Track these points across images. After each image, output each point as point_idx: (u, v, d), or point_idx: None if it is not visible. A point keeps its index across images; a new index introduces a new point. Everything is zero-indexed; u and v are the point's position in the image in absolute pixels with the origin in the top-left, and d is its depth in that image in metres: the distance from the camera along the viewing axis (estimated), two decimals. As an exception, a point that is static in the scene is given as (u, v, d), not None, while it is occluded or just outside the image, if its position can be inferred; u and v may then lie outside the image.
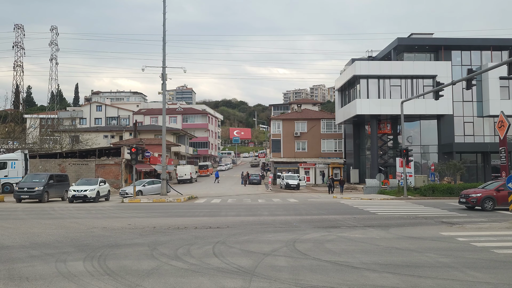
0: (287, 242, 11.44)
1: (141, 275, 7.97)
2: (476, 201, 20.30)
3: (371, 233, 13.17)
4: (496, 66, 21.58)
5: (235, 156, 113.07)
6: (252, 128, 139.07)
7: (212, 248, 10.53)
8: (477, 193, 20.65)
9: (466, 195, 21.23)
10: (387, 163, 42.69)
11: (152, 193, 31.85)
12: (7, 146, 48.52)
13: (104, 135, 63.17)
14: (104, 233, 13.15)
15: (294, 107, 67.31)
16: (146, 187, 32.42)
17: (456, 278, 7.80)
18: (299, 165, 53.71)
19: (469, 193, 21.23)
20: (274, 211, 20.73)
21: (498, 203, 20.03)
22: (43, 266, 8.73)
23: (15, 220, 16.90)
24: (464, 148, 40.19)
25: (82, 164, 39.80)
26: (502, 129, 24.36)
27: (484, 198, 20.19)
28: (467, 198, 20.95)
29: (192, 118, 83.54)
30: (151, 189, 32.24)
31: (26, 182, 26.91)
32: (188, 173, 53.39)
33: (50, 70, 78.85)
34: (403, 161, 29.41)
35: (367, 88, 40.85)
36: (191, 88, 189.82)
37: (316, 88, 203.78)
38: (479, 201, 20.20)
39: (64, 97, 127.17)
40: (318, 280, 7.59)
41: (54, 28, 79.12)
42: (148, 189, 32.25)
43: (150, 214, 19.31)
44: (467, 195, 21.15)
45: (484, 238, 12.25)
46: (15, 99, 74.16)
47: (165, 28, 31.21)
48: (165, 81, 31.01)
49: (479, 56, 41.91)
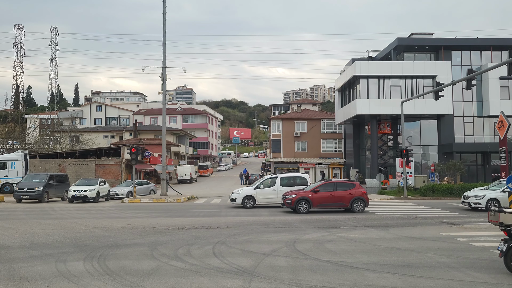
0: (287, 242, 11.44)
1: (141, 275, 7.98)
2: (290, 202, 19.39)
3: (371, 233, 13.17)
4: (496, 66, 21.58)
5: (235, 156, 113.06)
6: (252, 128, 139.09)
7: (212, 248, 10.53)
8: (292, 195, 19.72)
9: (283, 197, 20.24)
10: (387, 163, 42.67)
11: (140, 194, 31.39)
12: (7, 146, 48.52)
13: (104, 135, 63.15)
14: (104, 233, 13.15)
15: (294, 107, 67.31)
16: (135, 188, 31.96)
17: (456, 278, 7.80)
18: (299, 165, 53.73)
19: (285, 194, 20.34)
20: (274, 211, 20.72)
21: (313, 204, 19.25)
22: (43, 266, 8.73)
23: (15, 220, 16.91)
24: (464, 148, 40.18)
25: (82, 164, 39.81)
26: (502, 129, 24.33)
27: (298, 200, 19.27)
28: (284, 200, 19.99)
29: (192, 118, 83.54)
30: (140, 190, 31.78)
31: (26, 182, 26.92)
32: (188, 173, 53.37)
33: (50, 70, 78.98)
34: (403, 161, 29.41)
35: (367, 88, 40.83)
36: (191, 88, 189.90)
37: (316, 88, 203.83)
38: (293, 203, 19.28)
39: (64, 97, 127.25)
40: (318, 280, 7.59)
41: (54, 28, 79.24)
42: (137, 190, 31.66)
43: (150, 214, 19.32)
44: (284, 197, 20.20)
45: (484, 238, 12.25)
46: (15, 99, 74.19)
47: (165, 28, 31.18)
48: (165, 81, 31.00)
49: (479, 56, 41.88)
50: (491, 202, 19.30)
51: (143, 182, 34.13)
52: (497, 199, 19.34)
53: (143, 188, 32.69)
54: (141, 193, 31.88)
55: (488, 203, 19.33)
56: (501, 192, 19.51)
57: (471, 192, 21.45)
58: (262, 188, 22.69)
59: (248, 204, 22.32)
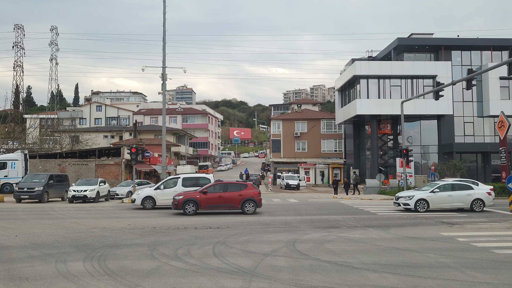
0: (287, 242, 11.44)
1: (141, 275, 7.97)
2: (177, 204, 18.85)
3: (371, 233, 13.17)
4: (496, 66, 21.58)
5: (235, 156, 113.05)
6: (252, 128, 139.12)
7: (212, 248, 10.53)
8: (180, 196, 19.21)
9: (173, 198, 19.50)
10: (387, 163, 42.68)
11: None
12: (7, 146, 48.48)
13: (104, 135, 63.13)
14: (104, 233, 13.15)
15: (294, 107, 67.32)
16: None
17: (456, 278, 7.80)
18: (299, 165, 53.72)
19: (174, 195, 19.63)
20: (274, 211, 20.73)
21: (201, 206, 18.72)
22: (43, 266, 8.73)
23: (15, 220, 16.90)
24: (464, 148, 40.19)
25: (82, 164, 39.78)
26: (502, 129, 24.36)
27: (185, 201, 18.70)
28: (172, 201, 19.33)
29: (192, 118, 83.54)
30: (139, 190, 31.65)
31: (26, 182, 26.90)
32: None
33: (50, 70, 78.94)
34: (403, 161, 29.41)
35: (367, 88, 40.85)
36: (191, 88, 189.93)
37: (316, 88, 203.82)
38: (179, 204, 18.71)
39: (64, 97, 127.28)
40: (318, 280, 7.59)
41: (54, 28, 79.20)
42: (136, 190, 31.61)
43: (150, 214, 19.31)
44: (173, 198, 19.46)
45: (484, 238, 12.25)
46: (15, 99, 74.18)
47: (165, 28, 31.19)
48: (165, 81, 31.02)
49: (479, 56, 41.90)
50: (420, 203, 19.55)
51: (143, 182, 34.11)
52: (426, 200, 19.60)
53: (142, 188, 32.64)
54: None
55: (416, 203, 19.55)
56: (430, 192, 19.79)
57: (402, 193, 21.43)
58: (162, 189, 21.92)
59: (147, 205, 21.54)
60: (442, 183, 21.11)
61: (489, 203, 19.99)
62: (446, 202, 19.73)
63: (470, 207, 19.75)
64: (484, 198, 19.85)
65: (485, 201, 19.82)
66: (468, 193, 19.87)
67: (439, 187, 20.10)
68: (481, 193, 20.02)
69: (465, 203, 19.80)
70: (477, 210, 19.67)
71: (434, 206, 19.76)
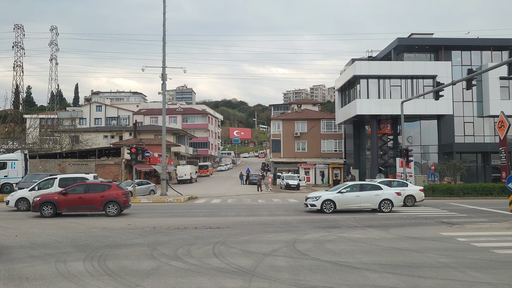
0: (287, 242, 11.44)
1: (141, 275, 7.98)
2: (34, 205, 17.80)
3: (371, 233, 13.17)
4: (496, 66, 21.56)
5: (235, 156, 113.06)
6: (252, 128, 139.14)
7: (212, 248, 10.53)
8: (38, 197, 18.06)
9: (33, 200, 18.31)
10: (387, 163, 42.66)
11: (140, 194, 31.35)
12: (7, 146, 48.46)
13: (104, 135, 63.13)
14: (104, 233, 13.16)
15: (294, 107, 67.29)
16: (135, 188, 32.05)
17: (456, 278, 7.80)
18: (299, 165, 53.70)
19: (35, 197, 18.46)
20: (274, 211, 20.73)
21: (60, 207, 17.83)
22: (43, 266, 8.73)
23: (15, 220, 16.91)
24: (464, 148, 40.18)
25: (82, 164, 39.79)
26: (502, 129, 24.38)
27: (42, 203, 17.70)
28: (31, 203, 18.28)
29: (192, 118, 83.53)
30: (139, 190, 31.75)
31: (26, 183, 26.90)
32: (188, 173, 53.34)
33: (50, 70, 79.03)
34: (403, 161, 29.41)
35: (367, 88, 40.83)
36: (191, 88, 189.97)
37: (316, 88, 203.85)
38: (36, 206, 17.68)
39: (64, 97, 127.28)
40: (318, 280, 7.59)
41: (54, 28, 79.29)
42: (136, 190, 31.74)
43: (150, 214, 19.32)
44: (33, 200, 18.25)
45: (484, 238, 12.26)
46: (15, 99, 74.24)
47: (165, 28, 31.17)
48: (165, 81, 31.00)
49: (479, 56, 41.88)
50: (327, 203, 19.28)
51: (143, 182, 34.12)
52: (332, 200, 19.33)
53: (143, 188, 32.68)
54: (141, 193, 31.87)
55: (323, 204, 19.27)
56: (337, 193, 19.55)
57: (311, 193, 21.08)
58: (37, 190, 21.03)
59: (22, 207, 20.71)
60: (350, 183, 20.96)
61: (398, 204, 19.76)
62: (353, 203, 19.44)
63: (378, 208, 19.45)
64: (392, 198, 19.55)
65: (393, 202, 19.52)
66: (376, 193, 19.57)
67: (346, 188, 19.83)
68: (390, 194, 19.69)
69: (373, 203, 19.48)
70: (385, 210, 19.36)
71: (341, 206, 19.41)
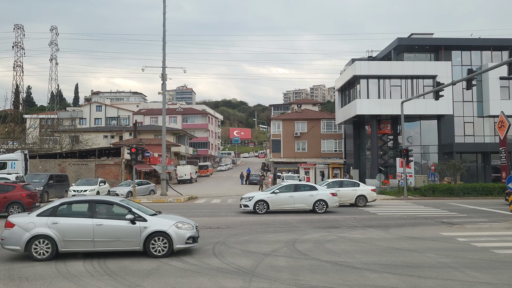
0: (287, 242, 11.44)
1: (141, 275, 7.97)
2: None
3: (371, 233, 13.17)
4: (496, 66, 21.57)
5: (235, 156, 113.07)
6: (252, 128, 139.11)
7: (212, 248, 10.53)
8: None
9: None
10: (387, 163, 42.66)
11: (140, 194, 31.34)
12: (7, 146, 48.46)
13: (104, 135, 63.14)
14: (104, 233, 13.12)
15: (294, 107, 67.29)
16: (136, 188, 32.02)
17: (456, 278, 7.80)
18: (299, 165, 53.69)
19: None
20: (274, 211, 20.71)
21: None
22: (43, 266, 8.73)
23: (15, 220, 16.86)
24: (464, 148, 40.17)
25: (82, 164, 39.79)
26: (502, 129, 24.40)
27: None
28: None
29: (192, 118, 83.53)
30: (140, 190, 31.72)
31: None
32: (188, 173, 53.34)
33: (50, 70, 78.98)
34: (403, 161, 29.41)
35: (367, 88, 40.83)
36: (191, 88, 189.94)
37: (316, 88, 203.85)
38: None
39: (64, 97, 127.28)
40: (318, 280, 7.59)
41: (54, 28, 79.24)
42: (137, 190, 31.71)
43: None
44: None
45: (484, 238, 12.25)
46: (15, 99, 74.21)
47: (165, 28, 31.15)
48: (165, 81, 30.99)
49: (479, 56, 41.87)
50: (260, 204, 19.11)
51: (143, 182, 34.09)
52: (265, 201, 19.15)
53: (143, 188, 32.66)
54: (141, 193, 31.85)
55: (256, 205, 19.09)
56: (271, 193, 19.47)
57: (246, 194, 20.93)
58: None
59: None
60: (284, 183, 20.87)
61: (332, 204, 19.47)
62: (287, 203, 19.26)
63: (312, 208, 19.23)
64: (327, 199, 19.29)
65: (328, 202, 19.27)
66: (311, 194, 19.36)
67: (280, 188, 19.73)
68: (324, 194, 19.45)
69: (307, 204, 19.26)
70: (319, 211, 19.10)
71: (274, 207, 19.25)
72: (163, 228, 9.58)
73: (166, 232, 9.52)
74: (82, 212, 9.69)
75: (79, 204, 10.04)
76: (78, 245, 9.35)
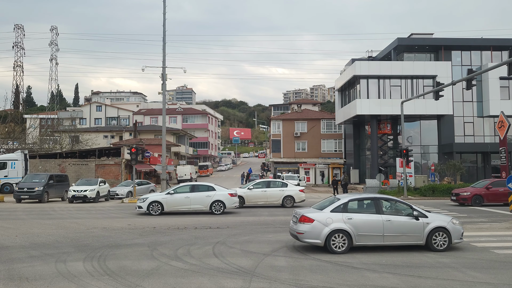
0: (287, 242, 11.44)
1: (141, 275, 7.97)
2: None
3: (371, 233, 13.15)
4: (496, 66, 21.56)
5: (235, 156, 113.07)
6: (252, 128, 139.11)
7: (212, 248, 10.53)
8: None
9: None
10: (387, 163, 42.66)
11: (140, 194, 31.27)
12: (7, 146, 48.48)
13: (104, 135, 63.15)
14: (104, 233, 13.15)
15: (294, 107, 67.30)
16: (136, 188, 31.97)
17: (456, 278, 7.80)
18: (299, 165, 53.69)
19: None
20: (274, 211, 20.73)
21: None
22: (43, 266, 8.73)
23: (15, 220, 16.90)
24: (464, 148, 40.16)
25: (82, 164, 39.77)
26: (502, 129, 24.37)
27: None
28: None
29: (192, 118, 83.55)
30: (140, 190, 31.67)
31: (26, 182, 26.90)
32: (188, 173, 53.34)
33: (50, 70, 79.03)
34: (403, 161, 29.40)
35: (367, 88, 40.82)
36: (191, 88, 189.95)
37: (316, 88, 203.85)
38: None
39: (64, 97, 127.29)
40: (318, 280, 7.58)
41: (54, 28, 79.31)
42: (136, 190, 31.63)
43: (150, 214, 19.29)
44: None
45: (484, 238, 12.25)
46: (15, 99, 74.26)
47: (165, 28, 31.13)
48: (165, 81, 30.95)
49: (479, 56, 41.87)
50: (154, 205, 18.73)
51: (143, 182, 34.05)
52: (160, 202, 18.82)
53: (143, 188, 32.60)
54: (141, 193, 31.72)
55: (149, 206, 18.72)
56: (166, 194, 19.12)
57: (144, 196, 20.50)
58: None
59: None
60: (182, 184, 20.53)
61: (230, 205, 19.23)
62: (182, 204, 18.94)
63: (209, 209, 18.96)
64: (225, 199, 19.01)
65: (226, 203, 18.99)
66: (208, 195, 19.07)
67: (177, 189, 19.47)
68: (222, 195, 19.16)
69: (204, 205, 18.99)
70: (216, 212, 18.84)
71: (169, 208, 18.91)
72: (443, 224, 10.42)
73: (445, 227, 10.35)
74: (369, 208, 10.58)
75: (365, 201, 10.93)
76: (369, 239, 10.10)
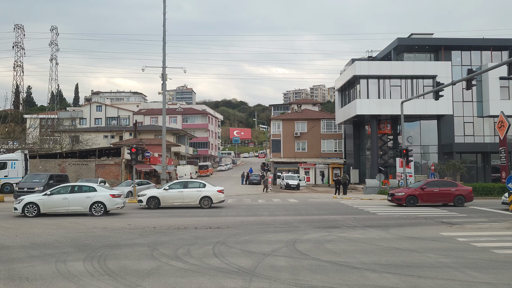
0: (287, 242, 11.44)
1: (141, 275, 7.98)
2: None
3: (371, 233, 13.17)
4: (496, 66, 21.56)
5: (235, 156, 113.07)
6: (252, 128, 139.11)
7: (212, 248, 10.53)
8: None
9: None
10: (387, 163, 42.67)
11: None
12: (7, 146, 48.48)
13: (104, 135, 63.15)
14: (104, 233, 13.15)
15: (294, 107, 67.29)
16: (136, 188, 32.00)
17: (456, 278, 7.80)
18: (299, 165, 53.70)
19: None
20: (274, 211, 20.73)
21: None
22: (43, 266, 8.73)
23: (15, 220, 16.91)
24: (464, 148, 40.18)
25: (82, 164, 39.78)
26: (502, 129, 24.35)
27: None
28: None
29: (192, 118, 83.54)
30: (140, 190, 31.66)
31: (26, 182, 26.92)
32: (188, 173, 53.35)
33: (50, 70, 79.04)
34: (403, 161, 29.41)
35: (367, 88, 40.84)
36: (191, 88, 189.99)
37: (316, 88, 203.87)
38: None
39: (64, 97, 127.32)
40: (318, 280, 7.59)
41: (54, 28, 79.29)
42: (137, 190, 31.60)
43: (150, 214, 19.31)
44: None
45: (484, 238, 12.26)
46: (15, 99, 74.25)
47: (165, 28, 31.17)
48: (165, 81, 31.00)
49: (479, 56, 41.88)
50: (29, 207, 17.88)
51: (143, 182, 34.06)
52: (35, 203, 17.98)
53: (143, 188, 32.59)
54: None
55: (25, 207, 17.89)
56: (43, 195, 18.34)
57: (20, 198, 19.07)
58: None
59: None
60: (63, 185, 19.56)
61: (111, 206, 18.62)
62: (60, 206, 18.22)
63: (89, 211, 18.29)
64: (105, 201, 18.38)
65: (106, 204, 18.38)
66: (88, 196, 18.36)
67: (53, 189, 18.68)
68: (103, 196, 18.50)
69: (83, 206, 18.31)
70: (96, 214, 18.19)
71: (46, 209, 18.17)
72: None
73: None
74: None
75: None
76: None
